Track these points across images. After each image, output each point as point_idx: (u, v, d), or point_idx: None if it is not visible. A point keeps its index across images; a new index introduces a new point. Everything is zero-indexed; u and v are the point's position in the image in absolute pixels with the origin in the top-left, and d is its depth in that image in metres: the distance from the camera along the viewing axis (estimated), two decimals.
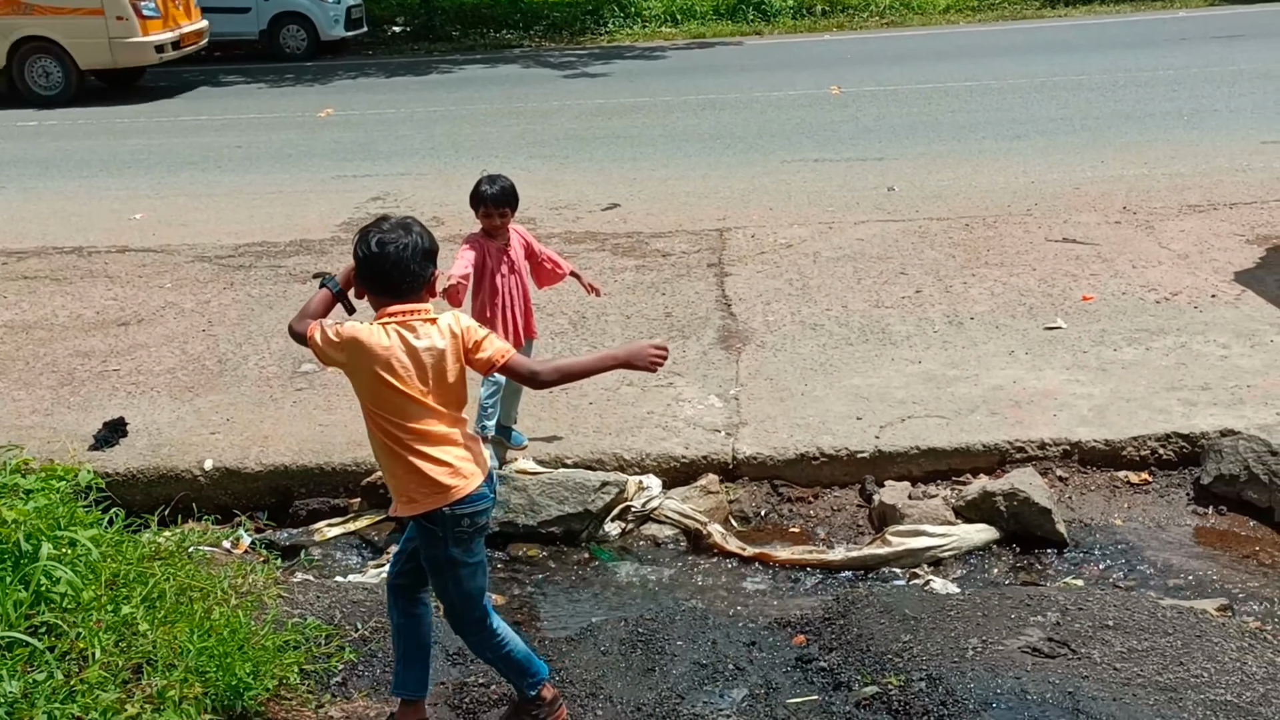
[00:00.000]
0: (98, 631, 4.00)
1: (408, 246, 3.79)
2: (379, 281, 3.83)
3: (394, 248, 3.77)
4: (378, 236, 3.80)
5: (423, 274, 3.84)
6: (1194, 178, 10.62)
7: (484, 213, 5.87)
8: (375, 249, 3.78)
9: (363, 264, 3.83)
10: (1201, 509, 5.79)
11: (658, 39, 23.54)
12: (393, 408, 3.80)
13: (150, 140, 15.41)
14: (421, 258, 3.82)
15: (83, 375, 7.49)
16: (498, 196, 5.83)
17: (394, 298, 3.83)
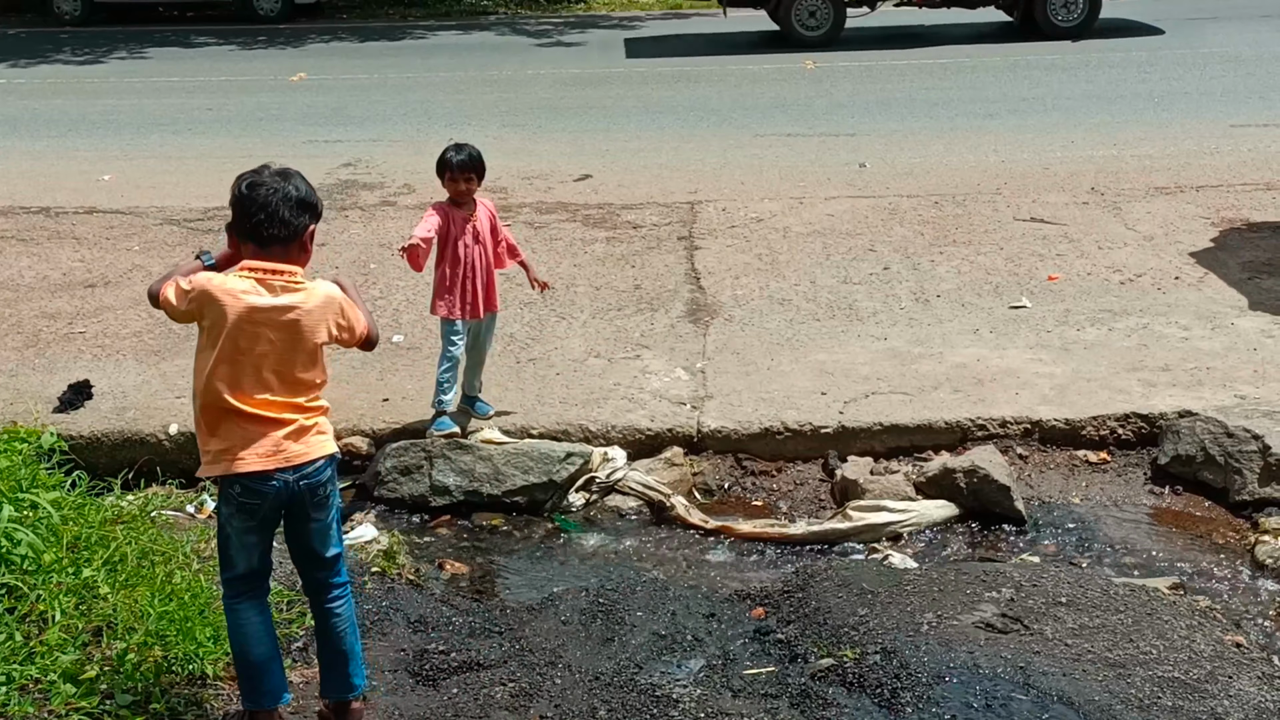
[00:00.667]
0: (58, 594, 4.02)
1: (278, 191, 3.60)
2: (245, 227, 3.63)
3: (264, 190, 3.60)
4: (250, 179, 3.64)
5: (294, 224, 3.63)
6: (1162, 160, 10.69)
7: (449, 179, 5.88)
8: (245, 191, 3.61)
9: (233, 207, 3.65)
10: (1158, 489, 5.87)
11: (634, 9, 23.47)
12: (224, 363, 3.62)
13: (120, 101, 15.28)
14: (295, 207, 3.63)
15: (48, 337, 7.45)
16: (464, 163, 5.84)
17: (260, 247, 3.63)
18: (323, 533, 3.86)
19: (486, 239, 6.02)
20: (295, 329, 3.66)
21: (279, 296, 3.62)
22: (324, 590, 3.92)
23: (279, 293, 3.62)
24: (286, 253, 3.65)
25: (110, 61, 18.61)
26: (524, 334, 7.29)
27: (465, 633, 4.76)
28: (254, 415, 3.66)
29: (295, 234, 3.65)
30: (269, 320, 3.62)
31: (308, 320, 3.67)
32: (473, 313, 5.99)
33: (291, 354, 3.68)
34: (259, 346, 3.62)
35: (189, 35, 21.07)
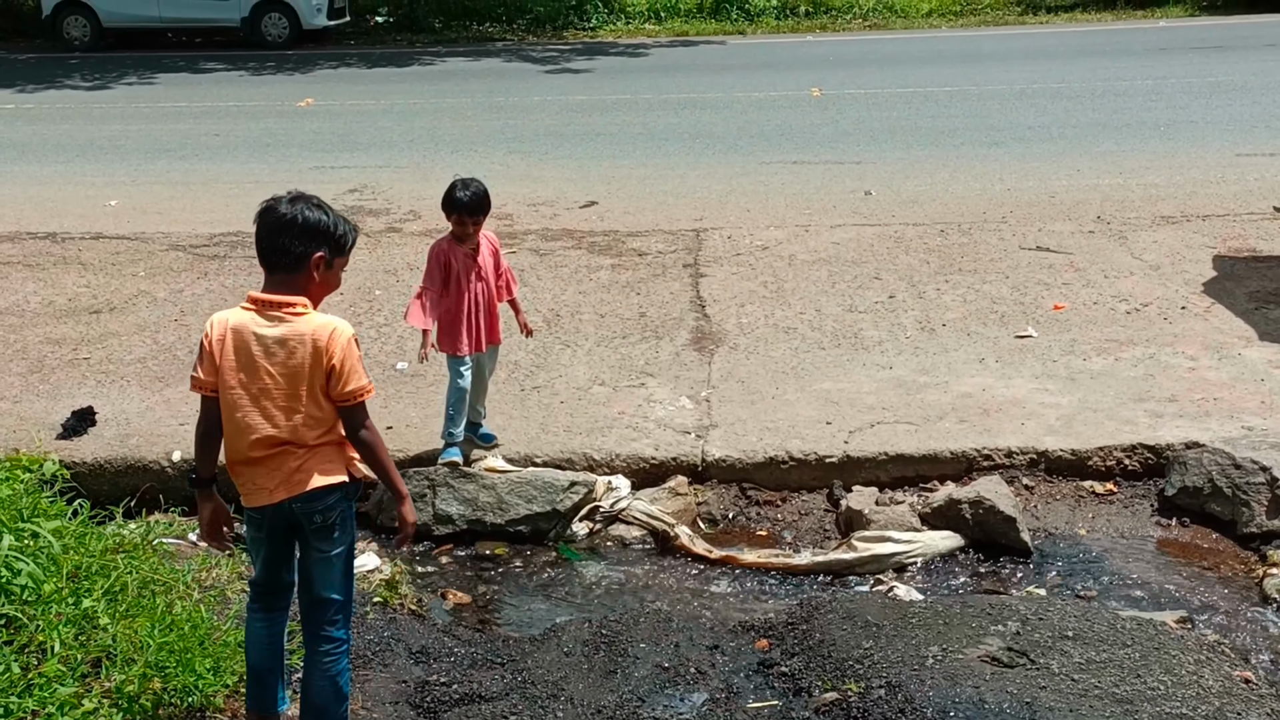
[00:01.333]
0: (57, 625, 3.99)
1: (285, 217, 3.66)
2: (258, 251, 3.72)
3: (274, 216, 3.67)
4: (266, 205, 3.72)
5: (296, 251, 3.66)
6: (1169, 189, 10.68)
7: (456, 219, 5.84)
8: (259, 217, 3.71)
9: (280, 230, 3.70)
10: (1165, 520, 5.84)
11: (640, 36, 23.55)
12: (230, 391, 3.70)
13: (128, 126, 15.33)
14: (300, 234, 3.66)
15: (53, 363, 7.45)
16: (471, 205, 5.78)
17: (267, 271, 3.70)
18: (322, 565, 3.83)
19: (489, 274, 5.99)
20: (291, 360, 3.65)
21: (276, 327, 3.65)
22: (316, 640, 3.89)
23: (277, 324, 3.65)
24: (292, 281, 3.67)
25: (119, 87, 18.68)
26: (528, 362, 7.27)
27: (467, 664, 4.73)
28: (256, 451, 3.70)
29: (299, 262, 3.66)
30: (265, 350, 3.64)
31: (302, 352, 3.65)
32: (475, 346, 5.98)
33: (292, 385, 3.67)
34: (259, 377, 3.66)
35: (198, 61, 21.16)
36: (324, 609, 3.86)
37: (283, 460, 3.71)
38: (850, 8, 24.32)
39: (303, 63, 20.74)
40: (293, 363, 3.65)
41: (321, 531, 3.79)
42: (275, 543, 3.87)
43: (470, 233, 5.85)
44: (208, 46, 22.90)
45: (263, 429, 3.68)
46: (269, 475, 3.71)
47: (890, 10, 24.24)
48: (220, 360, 3.67)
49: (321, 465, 3.74)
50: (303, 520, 3.76)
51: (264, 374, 3.66)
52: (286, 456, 3.70)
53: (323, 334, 3.66)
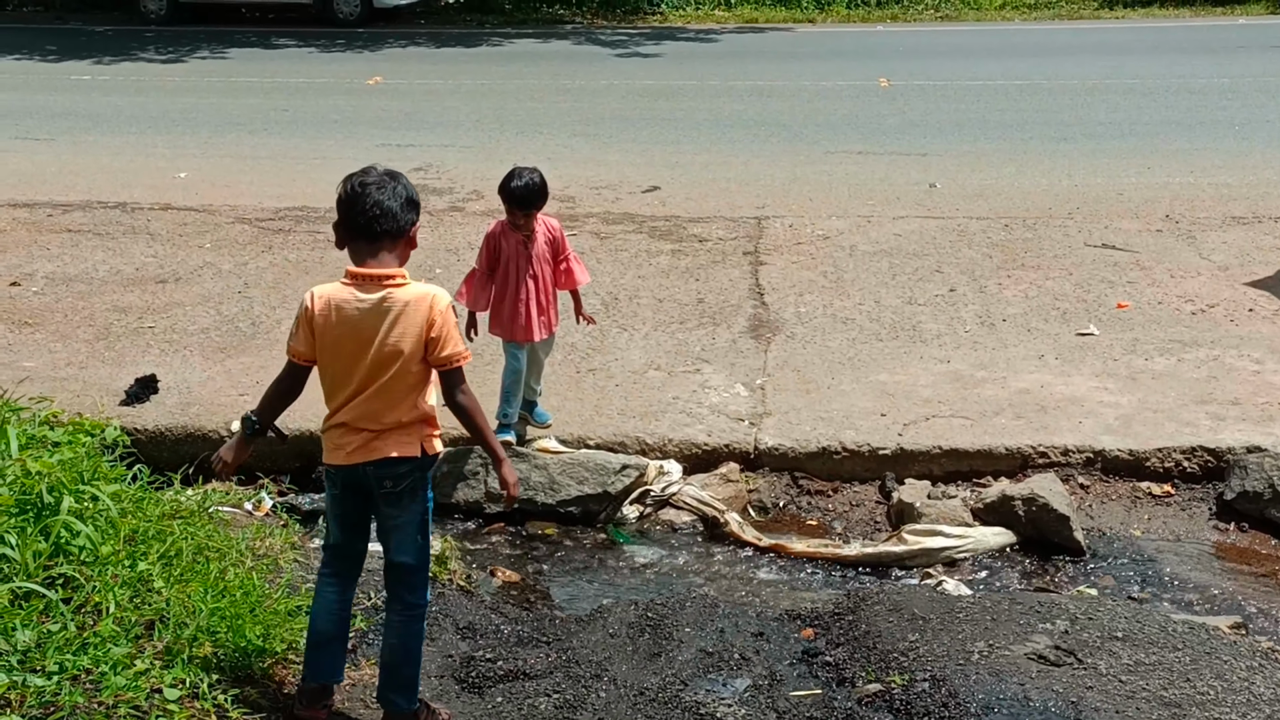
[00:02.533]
0: (113, 586, 4.07)
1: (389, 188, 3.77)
2: (358, 222, 3.76)
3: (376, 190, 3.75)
4: (360, 179, 3.80)
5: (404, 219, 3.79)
6: (1241, 189, 10.50)
7: (510, 209, 5.83)
8: (358, 188, 3.77)
9: (344, 204, 3.80)
10: (1223, 525, 5.76)
11: (710, 22, 23.45)
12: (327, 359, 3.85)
13: (200, 99, 15.52)
14: (405, 204, 3.79)
15: (119, 330, 7.58)
16: (523, 195, 5.74)
17: (368, 242, 3.76)
18: (394, 531, 3.96)
19: (544, 262, 5.95)
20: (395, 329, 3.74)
21: (377, 299, 3.75)
22: (393, 602, 4.04)
23: (378, 296, 3.75)
24: (393, 251, 3.79)
25: (192, 60, 18.90)
26: (585, 344, 7.30)
27: (513, 641, 4.76)
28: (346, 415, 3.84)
29: (403, 231, 3.80)
30: (367, 322, 3.74)
31: (405, 321, 3.75)
32: (526, 335, 5.96)
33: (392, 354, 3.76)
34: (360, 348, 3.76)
35: (270, 36, 21.35)
36: (398, 572, 3.99)
37: (367, 426, 3.81)
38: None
39: (373, 41, 20.87)
40: (395, 332, 3.75)
41: (391, 498, 3.89)
42: (347, 502, 3.98)
43: (522, 223, 5.83)
44: (280, 23, 23.06)
45: (360, 394, 3.79)
46: (351, 435, 3.83)
47: (963, 1, 23.92)
48: (321, 332, 3.78)
49: (399, 438, 3.84)
50: (374, 484, 3.87)
51: (365, 344, 3.75)
52: (371, 422, 3.81)
53: (424, 302, 3.76)
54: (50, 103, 15.29)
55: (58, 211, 10.15)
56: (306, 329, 3.81)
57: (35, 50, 19.69)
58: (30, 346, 7.31)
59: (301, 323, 3.82)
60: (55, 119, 14.26)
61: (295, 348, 3.86)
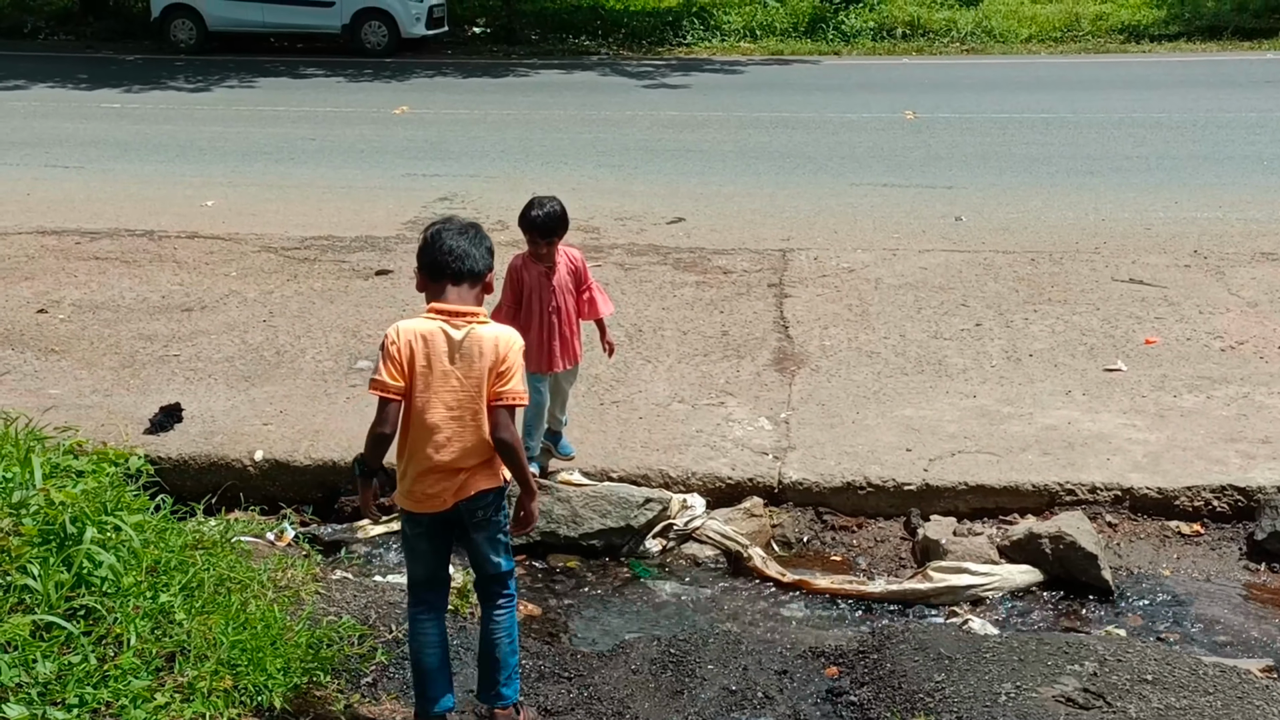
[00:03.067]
0: (134, 618, 4.06)
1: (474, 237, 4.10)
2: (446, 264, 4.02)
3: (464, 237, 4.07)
4: (443, 226, 4.11)
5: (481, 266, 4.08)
6: (1270, 224, 10.42)
7: (530, 238, 5.80)
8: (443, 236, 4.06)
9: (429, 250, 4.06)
10: (1254, 565, 5.69)
11: (736, 53, 23.52)
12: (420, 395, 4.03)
13: (228, 128, 15.63)
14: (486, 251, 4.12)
15: (144, 358, 7.60)
16: (544, 224, 5.72)
17: (451, 283, 4.02)
18: (488, 545, 4.22)
19: (566, 292, 5.95)
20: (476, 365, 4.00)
21: (464, 335, 4.00)
22: (492, 603, 4.31)
23: (465, 332, 4.00)
24: (473, 293, 4.08)
25: (220, 89, 19.06)
26: (609, 376, 7.28)
27: (534, 677, 4.73)
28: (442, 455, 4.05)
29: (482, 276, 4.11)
30: (456, 356, 3.99)
31: (483, 357, 4.00)
32: (549, 366, 5.95)
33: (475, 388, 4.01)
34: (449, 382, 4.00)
35: (298, 66, 21.52)
36: (495, 581, 4.29)
37: (458, 468, 4.05)
38: (948, 31, 24.07)
39: (400, 71, 21.01)
40: (477, 366, 3.99)
41: (481, 524, 4.18)
42: (434, 538, 4.21)
43: (544, 252, 5.82)
44: (308, 52, 23.25)
45: (456, 432, 4.02)
46: (446, 480, 4.06)
47: (988, 35, 23.95)
48: (412, 366, 3.97)
49: (486, 471, 4.10)
50: (465, 516, 4.13)
51: (453, 378, 3.99)
52: (464, 460, 4.05)
53: (502, 339, 4.04)
54: (80, 131, 15.43)
55: (85, 239, 10.21)
56: (396, 362, 3.96)
57: (67, 79, 19.90)
58: (56, 374, 7.34)
59: (389, 357, 3.96)
60: (85, 147, 14.39)
61: (386, 382, 3.97)
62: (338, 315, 8.28)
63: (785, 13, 25.22)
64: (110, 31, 25.45)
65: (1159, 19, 24.14)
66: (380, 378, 3.97)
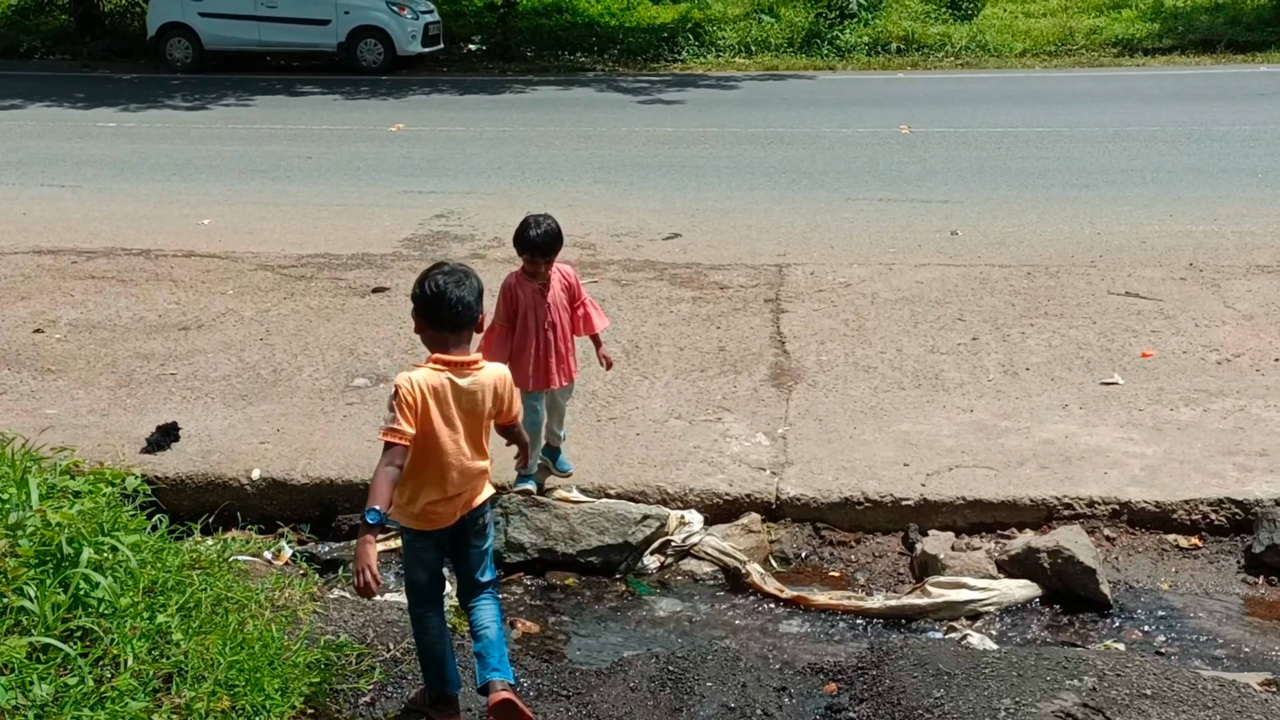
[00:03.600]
0: (132, 639, 4.05)
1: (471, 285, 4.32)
2: (444, 317, 4.28)
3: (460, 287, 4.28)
4: (440, 279, 4.28)
5: (475, 312, 4.33)
6: (1265, 237, 10.44)
7: (527, 257, 5.79)
8: (439, 288, 4.26)
9: (428, 301, 4.29)
10: (1252, 578, 5.68)
11: (731, 69, 23.58)
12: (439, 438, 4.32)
13: (224, 146, 15.66)
14: (478, 298, 4.33)
15: (141, 377, 7.60)
16: (539, 243, 5.72)
17: (452, 332, 4.30)
18: (480, 555, 4.58)
19: (560, 310, 5.95)
20: (480, 406, 4.36)
21: (470, 382, 4.32)
22: (481, 599, 4.60)
23: (470, 379, 4.32)
24: (469, 338, 4.37)
25: (217, 108, 19.10)
26: (605, 392, 7.28)
27: (533, 694, 4.72)
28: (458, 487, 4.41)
29: (475, 320, 4.36)
30: (464, 402, 4.31)
31: (487, 397, 4.37)
32: (545, 383, 5.96)
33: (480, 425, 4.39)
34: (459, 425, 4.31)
35: (294, 84, 21.56)
36: (484, 584, 4.61)
37: (465, 489, 4.40)
38: (942, 45, 24.14)
39: (396, 88, 21.05)
40: (481, 408, 4.36)
41: (481, 531, 4.55)
42: (442, 550, 4.53)
43: (540, 270, 5.82)
44: (305, 70, 23.30)
45: (465, 464, 4.35)
46: (456, 503, 4.41)
47: (983, 49, 24.01)
48: (425, 415, 4.22)
49: (483, 485, 4.51)
50: (469, 525, 4.49)
51: (462, 420, 4.31)
52: (469, 485, 4.41)
53: (500, 381, 4.43)
54: (77, 150, 15.46)
55: (82, 258, 10.22)
56: (412, 410, 4.18)
57: (63, 98, 19.95)
58: (53, 393, 7.33)
59: (406, 408, 4.17)
60: (81, 166, 14.41)
61: (404, 430, 4.16)
62: (335, 333, 8.29)
63: (780, 28, 25.31)
64: (106, 51, 25.50)
65: (1153, 32, 24.21)
66: (398, 427, 4.15)
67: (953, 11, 25.99)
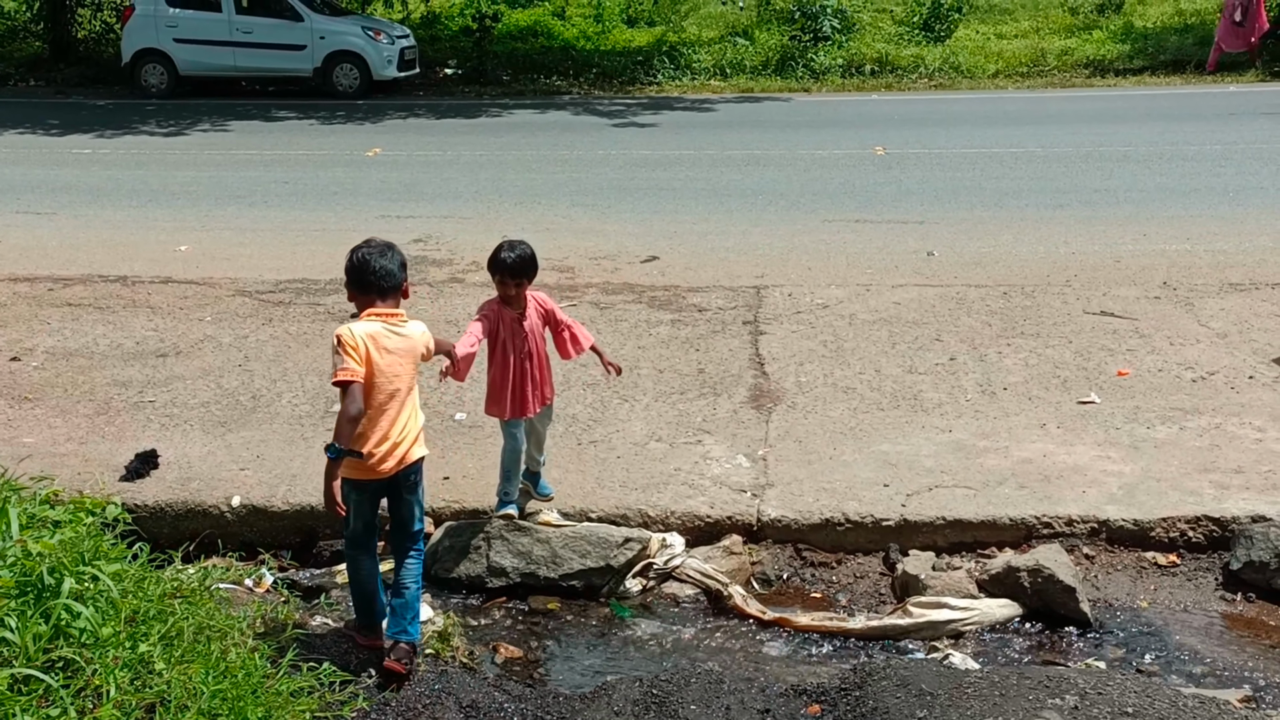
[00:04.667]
0: (114, 669, 4.03)
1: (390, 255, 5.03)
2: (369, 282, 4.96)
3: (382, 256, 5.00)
4: (364, 251, 5.01)
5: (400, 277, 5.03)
6: (1237, 255, 10.55)
7: (500, 280, 5.79)
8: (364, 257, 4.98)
9: (354, 270, 4.99)
10: (1230, 595, 5.73)
11: (706, 91, 23.68)
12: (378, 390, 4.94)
13: (200, 172, 15.63)
14: (400, 267, 5.05)
15: (119, 405, 7.57)
16: (515, 266, 5.72)
17: (379, 296, 4.97)
18: (413, 505, 5.19)
19: (538, 337, 5.94)
20: (410, 353, 5.01)
21: (399, 331, 4.97)
22: (409, 554, 5.21)
23: (398, 329, 4.97)
24: (396, 299, 5.03)
25: (193, 133, 19.06)
26: (586, 415, 7.29)
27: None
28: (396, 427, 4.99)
29: (400, 285, 5.06)
30: (396, 347, 4.94)
31: (413, 345, 5.03)
32: (522, 410, 5.94)
33: (411, 369, 5.02)
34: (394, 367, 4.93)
35: (270, 109, 21.54)
36: (414, 535, 5.22)
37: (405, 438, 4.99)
38: (916, 67, 24.29)
39: (372, 112, 21.06)
40: (412, 355, 5.02)
41: (413, 487, 5.15)
42: (374, 500, 5.11)
43: (514, 295, 5.81)
44: (280, 95, 23.30)
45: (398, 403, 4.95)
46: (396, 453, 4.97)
47: (956, 70, 24.18)
48: (367, 356, 4.82)
49: (418, 444, 5.12)
50: (402, 481, 5.08)
51: (397, 364, 4.93)
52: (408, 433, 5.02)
53: (421, 331, 5.11)
54: (52, 177, 15.40)
55: (58, 285, 10.18)
56: (357, 352, 4.79)
57: (37, 124, 19.87)
58: (30, 422, 7.30)
59: (350, 349, 4.78)
60: (56, 193, 14.35)
61: (354, 369, 4.77)
62: (313, 359, 8.28)
63: (755, 51, 25.43)
64: (81, 77, 25.44)
65: (1123, 53, 24.44)
66: (349, 366, 4.76)
67: (926, 34, 26.17)
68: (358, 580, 5.21)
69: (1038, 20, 27.23)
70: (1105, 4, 27.38)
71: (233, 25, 22.71)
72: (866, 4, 27.89)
